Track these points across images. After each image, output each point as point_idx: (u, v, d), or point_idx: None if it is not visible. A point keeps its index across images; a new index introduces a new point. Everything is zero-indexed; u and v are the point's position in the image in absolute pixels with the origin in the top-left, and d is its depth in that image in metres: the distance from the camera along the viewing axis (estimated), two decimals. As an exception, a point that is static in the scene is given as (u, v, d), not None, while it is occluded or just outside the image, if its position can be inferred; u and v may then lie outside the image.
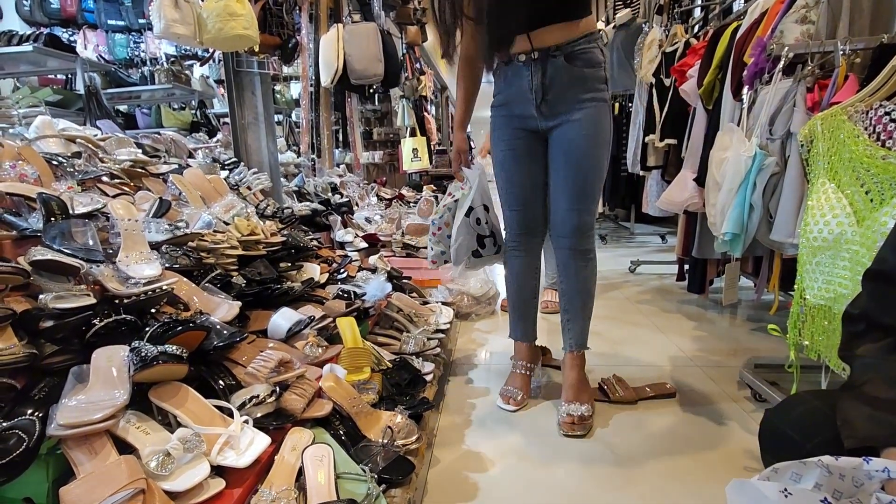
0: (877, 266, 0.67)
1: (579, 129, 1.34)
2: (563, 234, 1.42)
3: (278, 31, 2.58)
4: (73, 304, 0.88)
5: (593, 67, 1.32)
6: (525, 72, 1.35)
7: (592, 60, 1.32)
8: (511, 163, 1.46)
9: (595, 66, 1.33)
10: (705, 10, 2.99)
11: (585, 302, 1.47)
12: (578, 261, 1.43)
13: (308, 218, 2.30)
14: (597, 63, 1.33)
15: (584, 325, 1.48)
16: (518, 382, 1.53)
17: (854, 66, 1.37)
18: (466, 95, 1.54)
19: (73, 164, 1.35)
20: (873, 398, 0.58)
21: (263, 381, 1.01)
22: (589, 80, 1.32)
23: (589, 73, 1.32)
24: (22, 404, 0.78)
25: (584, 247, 1.42)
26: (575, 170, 1.36)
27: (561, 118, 1.35)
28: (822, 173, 1.09)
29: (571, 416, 1.35)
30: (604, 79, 1.34)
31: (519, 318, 1.58)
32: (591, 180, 1.37)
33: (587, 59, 1.31)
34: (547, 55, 1.31)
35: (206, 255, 1.31)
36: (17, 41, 2.79)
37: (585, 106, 1.33)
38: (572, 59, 1.31)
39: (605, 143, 1.36)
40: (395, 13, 4.21)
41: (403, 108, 5.31)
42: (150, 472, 0.75)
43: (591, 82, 1.32)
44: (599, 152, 1.36)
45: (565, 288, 1.47)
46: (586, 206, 1.39)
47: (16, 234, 1.01)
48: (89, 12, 4.29)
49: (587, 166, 1.36)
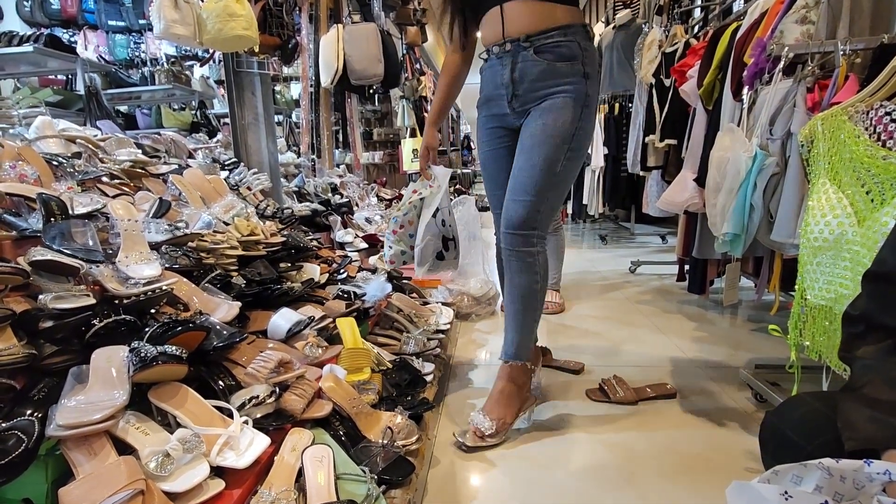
0: (876, 267, 0.67)
1: (537, 119, 1.28)
2: (503, 228, 1.32)
3: (278, 31, 2.58)
4: (72, 305, 0.88)
5: (566, 61, 1.26)
6: (498, 66, 1.31)
7: (566, 54, 1.25)
8: (491, 163, 1.44)
9: (568, 60, 1.25)
10: (705, 11, 2.98)
11: (518, 310, 1.33)
12: (513, 261, 1.31)
13: (308, 218, 2.30)
14: (570, 57, 1.25)
15: (516, 336, 1.34)
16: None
17: (854, 67, 1.37)
18: (442, 94, 1.51)
19: (73, 165, 1.35)
20: (874, 400, 0.58)
21: (263, 381, 1.01)
22: (559, 74, 1.26)
23: (561, 66, 1.26)
24: (21, 405, 0.78)
25: (521, 247, 1.29)
26: (524, 159, 1.28)
27: (528, 110, 1.31)
28: (822, 173, 1.08)
29: (472, 427, 1.29)
30: (580, 73, 1.26)
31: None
32: (539, 173, 1.26)
33: (560, 52, 1.25)
34: (519, 48, 1.27)
35: (205, 256, 1.31)
36: (18, 42, 2.80)
37: (550, 97, 1.27)
38: (542, 52, 1.26)
39: (563, 136, 1.26)
40: (395, 14, 4.22)
41: (403, 109, 5.31)
42: (149, 473, 0.75)
43: (561, 76, 1.26)
44: (554, 143, 1.25)
45: (505, 290, 1.37)
46: (529, 199, 1.26)
47: (16, 235, 1.01)
48: (90, 13, 4.29)
49: (536, 156, 1.26)
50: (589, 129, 1.30)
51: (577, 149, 1.28)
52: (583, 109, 1.27)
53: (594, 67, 1.29)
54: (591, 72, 1.28)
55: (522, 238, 1.28)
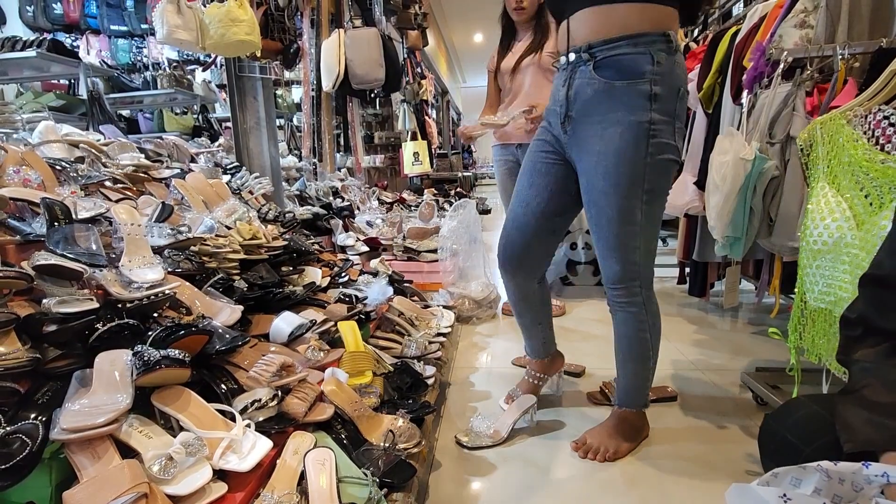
0: (873, 271, 0.67)
1: (596, 165, 1.10)
2: (605, 282, 1.24)
3: (280, 36, 2.60)
4: (76, 309, 0.89)
5: (628, 79, 1.04)
6: (559, 79, 1.16)
7: (629, 70, 1.03)
8: (525, 175, 1.28)
9: (631, 78, 1.03)
10: (705, 15, 3.00)
11: (626, 359, 1.26)
12: (617, 312, 1.24)
13: (309, 222, 2.31)
14: (635, 73, 1.03)
15: (626, 383, 1.28)
16: (524, 387, 1.52)
17: (853, 71, 1.38)
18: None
19: (77, 169, 1.36)
20: (872, 402, 0.58)
21: (265, 384, 1.01)
22: (617, 96, 1.05)
23: (620, 86, 1.04)
24: (25, 408, 0.79)
25: (623, 299, 1.21)
26: (596, 211, 1.14)
27: (581, 144, 1.13)
28: (821, 177, 1.09)
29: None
30: (645, 94, 1.03)
31: (525, 337, 1.50)
32: (617, 227, 1.12)
33: (622, 67, 1.04)
34: (579, 60, 1.09)
35: (208, 259, 1.32)
36: (21, 47, 2.81)
37: (607, 132, 1.07)
38: (601, 68, 1.06)
39: (632, 179, 1.07)
40: (397, 18, 4.24)
41: (404, 112, 5.33)
42: (152, 476, 0.75)
43: (619, 98, 1.05)
44: (622, 191, 1.09)
45: (614, 336, 1.29)
46: (619, 254, 1.15)
47: (19, 239, 1.02)
48: (92, 17, 4.32)
49: (609, 208, 1.11)
50: (665, 161, 1.08)
51: (652, 190, 1.09)
52: (649, 140, 1.05)
53: (669, 86, 1.05)
54: (664, 92, 1.04)
55: (624, 290, 1.20)
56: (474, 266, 2.56)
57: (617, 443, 1.26)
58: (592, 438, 1.28)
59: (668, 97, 1.05)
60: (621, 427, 1.29)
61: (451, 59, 11.43)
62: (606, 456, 1.24)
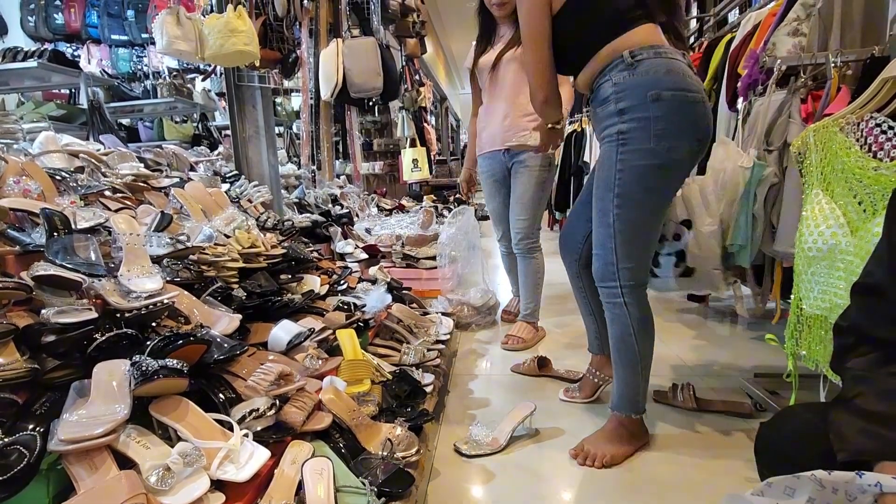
0: (864, 279, 0.68)
1: (596, 174, 1.25)
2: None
3: (279, 45, 2.63)
4: (74, 319, 0.89)
5: (601, 105, 1.19)
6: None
7: (601, 98, 1.18)
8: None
9: (602, 104, 1.18)
10: (700, 22, 3.02)
11: (616, 359, 1.33)
12: (606, 311, 1.30)
13: (308, 229, 2.31)
14: (604, 100, 1.17)
15: (619, 387, 1.32)
16: (585, 385, 1.59)
17: (846, 78, 1.39)
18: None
19: (76, 179, 1.37)
20: (865, 411, 0.59)
21: (263, 393, 1.01)
22: (601, 119, 1.21)
23: (600, 112, 1.20)
24: (23, 419, 0.79)
25: (606, 298, 1.30)
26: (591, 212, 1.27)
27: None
28: (815, 184, 1.10)
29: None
30: (613, 112, 1.15)
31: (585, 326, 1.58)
32: (598, 227, 1.23)
33: (598, 98, 1.20)
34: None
35: (206, 268, 1.32)
36: (23, 57, 2.84)
37: (601, 146, 1.23)
38: (593, 103, 1.23)
39: (606, 184, 1.19)
40: (395, 26, 4.27)
41: (403, 119, 5.36)
42: (150, 487, 0.75)
43: (602, 121, 1.20)
44: (599, 194, 1.22)
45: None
46: (599, 251, 1.25)
47: (19, 250, 1.02)
48: (93, 27, 4.36)
49: (594, 214, 1.24)
50: (642, 168, 1.14)
51: (623, 195, 1.16)
52: (618, 149, 1.15)
53: (634, 96, 1.12)
54: (629, 105, 1.13)
55: (605, 290, 1.27)
56: (473, 273, 2.56)
57: (614, 448, 1.27)
58: (590, 445, 1.29)
59: (635, 106, 1.13)
60: (617, 432, 1.30)
61: (450, 66, 11.50)
62: (604, 461, 1.25)
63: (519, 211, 2.10)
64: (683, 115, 1.12)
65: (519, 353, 2.05)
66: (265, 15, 2.64)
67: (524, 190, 2.07)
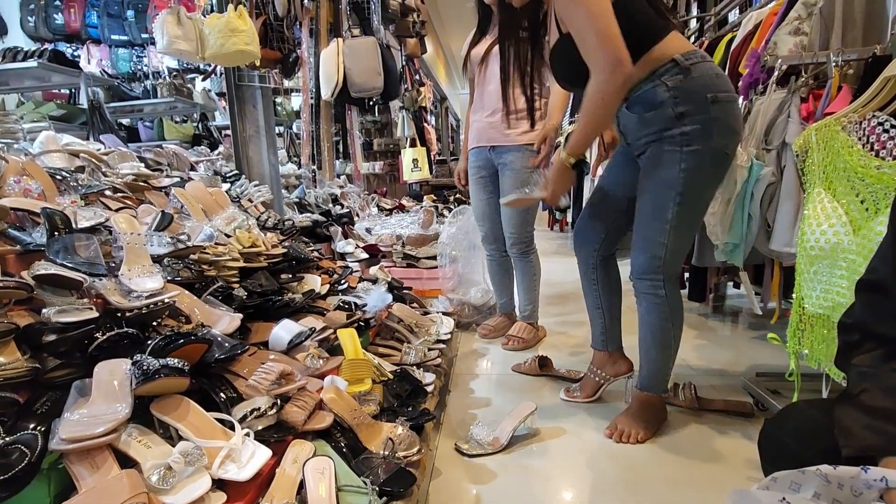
0: (868, 276, 0.68)
1: (643, 167, 1.28)
2: (631, 272, 1.37)
3: (279, 45, 2.63)
4: (75, 318, 0.89)
5: (653, 110, 1.20)
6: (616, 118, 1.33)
7: (651, 102, 1.19)
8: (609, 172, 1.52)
9: (654, 108, 1.19)
10: (701, 22, 3.02)
11: (650, 346, 1.39)
12: (642, 302, 1.37)
13: (309, 229, 2.31)
14: (656, 104, 1.18)
15: (650, 369, 1.39)
16: (585, 384, 1.59)
17: (847, 77, 1.39)
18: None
19: (77, 179, 1.37)
20: (870, 407, 0.59)
21: (264, 393, 1.01)
22: (650, 124, 1.22)
23: (649, 116, 1.21)
24: (24, 419, 0.79)
25: (647, 290, 1.35)
26: (638, 207, 1.31)
27: (637, 155, 1.31)
28: (817, 183, 1.10)
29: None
30: (670, 116, 1.18)
31: (590, 320, 1.58)
32: (650, 221, 1.28)
33: (646, 103, 1.20)
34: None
35: (207, 268, 1.32)
36: (23, 57, 2.84)
37: (649, 146, 1.25)
38: (632, 106, 1.24)
39: (668, 182, 1.22)
40: (395, 26, 4.27)
41: (403, 119, 5.36)
42: (151, 486, 0.75)
43: (651, 125, 1.22)
44: (658, 190, 1.25)
45: (638, 325, 1.42)
46: (645, 245, 1.31)
47: (20, 249, 1.02)
48: (93, 27, 4.36)
49: (646, 204, 1.29)
50: (701, 169, 1.20)
51: (686, 192, 1.21)
52: (682, 148, 1.18)
53: (695, 101, 1.16)
54: (690, 108, 1.16)
55: (648, 282, 1.32)
56: (474, 272, 2.56)
57: (642, 425, 1.37)
58: (622, 424, 1.38)
59: (697, 108, 1.16)
60: (644, 410, 1.39)
61: (450, 66, 11.50)
62: (639, 438, 1.35)
63: (510, 215, 2.05)
64: (733, 115, 1.21)
65: (519, 352, 2.05)
66: (265, 14, 2.64)
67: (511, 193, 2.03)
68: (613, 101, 1.16)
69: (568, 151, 1.28)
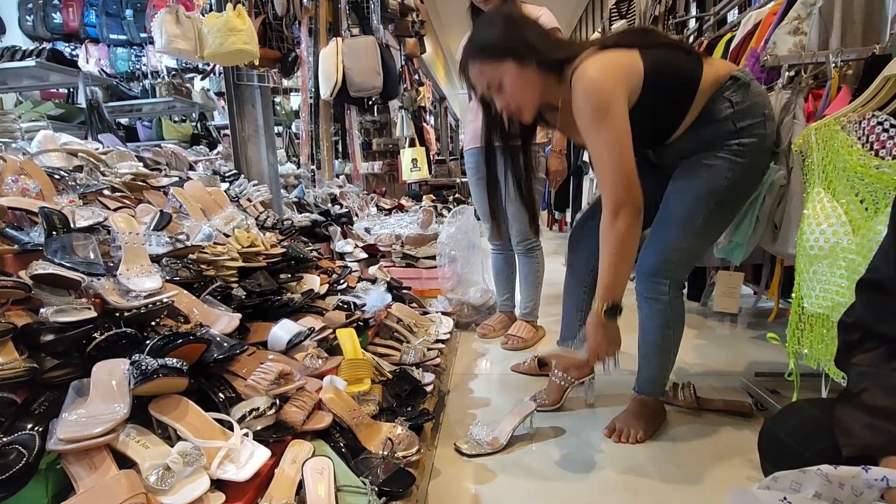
0: (869, 275, 0.68)
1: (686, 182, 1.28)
2: (636, 274, 1.38)
3: (278, 45, 2.62)
4: (73, 318, 0.89)
5: (711, 125, 1.21)
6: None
7: (709, 117, 1.20)
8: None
9: (713, 123, 1.21)
10: (700, 22, 3.03)
11: (649, 350, 1.39)
12: (644, 306, 1.38)
13: (308, 229, 2.31)
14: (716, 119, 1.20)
15: (649, 373, 1.41)
16: (550, 390, 1.55)
17: (846, 77, 1.39)
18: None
19: (75, 178, 1.37)
20: (870, 406, 0.58)
21: (263, 393, 1.01)
22: (709, 139, 1.23)
23: (706, 132, 1.22)
24: (22, 419, 0.78)
25: (650, 294, 1.36)
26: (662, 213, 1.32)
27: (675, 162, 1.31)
28: (817, 183, 1.10)
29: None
30: (732, 130, 1.20)
31: (563, 320, 1.56)
32: (707, 231, 1.30)
33: (705, 117, 1.22)
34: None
35: (206, 268, 1.31)
36: (21, 56, 2.83)
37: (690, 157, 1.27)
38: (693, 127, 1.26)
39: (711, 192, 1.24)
40: (394, 26, 4.27)
41: (402, 119, 5.35)
42: (149, 487, 0.75)
43: (710, 139, 1.23)
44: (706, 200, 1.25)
45: (639, 329, 1.42)
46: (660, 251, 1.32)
47: (17, 249, 1.01)
48: (91, 27, 4.34)
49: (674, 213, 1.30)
50: (746, 180, 1.24)
51: (725, 201, 1.24)
52: (732, 159, 1.20)
53: (754, 115, 1.18)
54: (750, 123, 1.18)
55: (652, 286, 1.32)
56: (473, 272, 2.55)
57: (641, 425, 1.37)
58: (621, 424, 1.38)
59: (756, 123, 1.18)
60: (643, 411, 1.40)
61: (449, 66, 11.50)
62: (637, 437, 1.35)
63: (515, 212, 2.05)
64: (775, 133, 1.27)
65: (519, 352, 2.04)
66: (264, 14, 2.64)
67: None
68: (630, 236, 1.12)
69: (600, 301, 1.17)
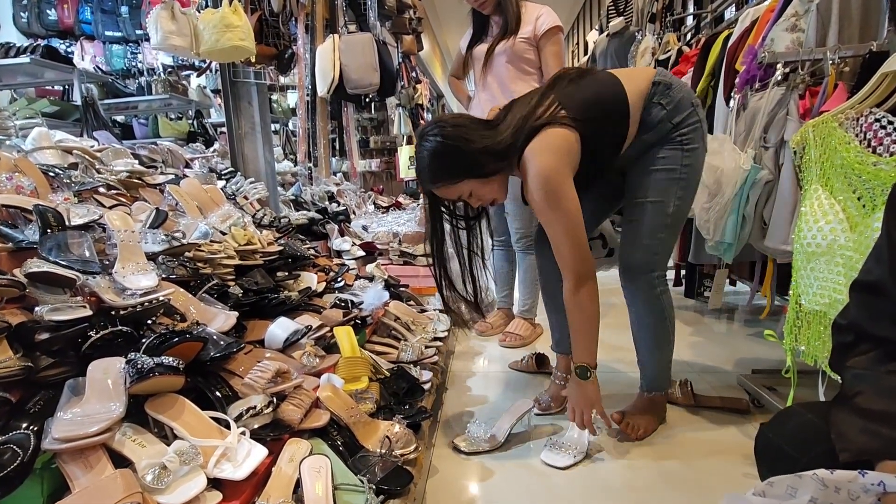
0: (863, 276, 0.67)
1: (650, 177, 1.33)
2: (625, 272, 1.40)
3: (275, 41, 2.61)
4: (69, 316, 0.88)
5: (653, 129, 1.27)
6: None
7: (648, 124, 1.27)
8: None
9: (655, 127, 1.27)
10: (697, 18, 3.02)
11: (650, 346, 1.41)
12: (639, 303, 1.39)
13: (305, 227, 2.30)
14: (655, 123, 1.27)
15: (654, 369, 1.42)
16: (551, 390, 1.54)
17: (843, 75, 1.39)
18: None
19: (70, 176, 1.36)
20: (865, 410, 0.58)
21: (260, 391, 1.01)
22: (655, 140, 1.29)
23: (649, 137, 1.29)
24: (17, 418, 0.78)
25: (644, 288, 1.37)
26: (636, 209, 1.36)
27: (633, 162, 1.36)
28: (814, 180, 1.10)
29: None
30: (670, 128, 1.26)
31: (550, 326, 1.58)
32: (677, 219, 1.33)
33: (644, 125, 1.28)
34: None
35: (202, 266, 1.31)
36: (15, 53, 2.81)
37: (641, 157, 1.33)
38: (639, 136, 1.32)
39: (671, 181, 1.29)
40: (391, 23, 4.25)
41: (400, 117, 5.33)
42: (146, 486, 0.75)
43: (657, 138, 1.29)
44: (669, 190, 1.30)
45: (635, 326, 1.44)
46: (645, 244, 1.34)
47: (12, 247, 1.01)
48: (87, 24, 4.31)
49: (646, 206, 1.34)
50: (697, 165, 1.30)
51: (686, 187, 1.28)
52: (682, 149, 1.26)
53: (684, 108, 1.24)
54: (683, 116, 1.25)
55: (644, 281, 1.34)
56: (471, 270, 2.55)
57: (648, 421, 1.39)
58: (631, 417, 1.39)
59: (688, 114, 1.24)
60: (650, 408, 1.42)
61: (446, 63, 11.47)
62: (644, 433, 1.36)
63: (515, 211, 2.07)
64: (702, 114, 1.30)
65: (517, 350, 2.05)
66: (261, 10, 2.62)
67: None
68: (593, 302, 1.20)
69: (576, 364, 1.23)
